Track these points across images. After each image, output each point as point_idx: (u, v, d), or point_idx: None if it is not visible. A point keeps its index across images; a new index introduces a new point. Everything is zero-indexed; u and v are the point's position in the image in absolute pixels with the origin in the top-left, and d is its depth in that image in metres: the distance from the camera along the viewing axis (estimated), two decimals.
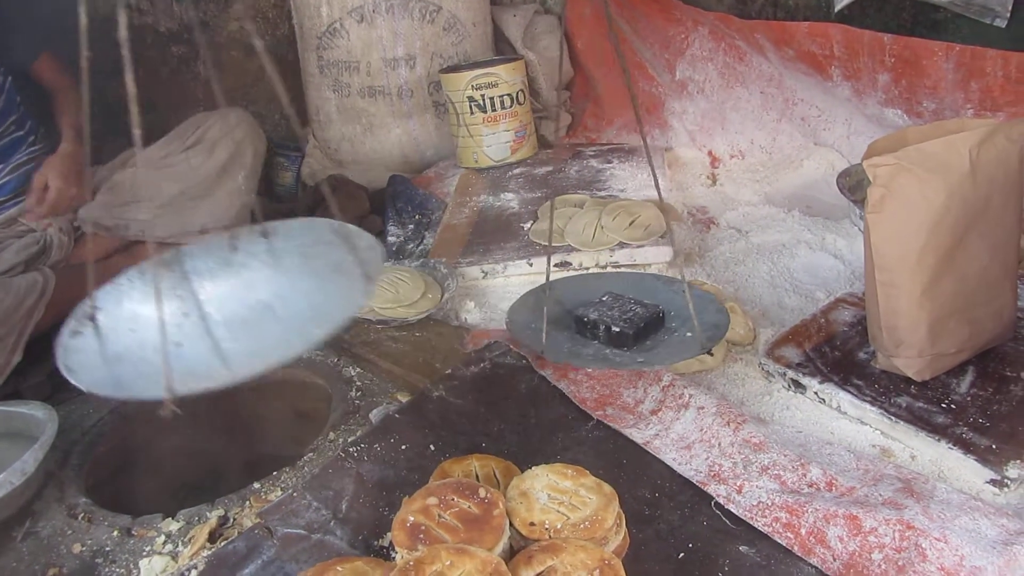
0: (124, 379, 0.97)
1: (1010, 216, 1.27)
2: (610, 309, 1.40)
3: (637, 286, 1.52)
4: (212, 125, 2.06)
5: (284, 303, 1.11)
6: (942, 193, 1.18)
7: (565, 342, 1.40)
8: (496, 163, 2.43)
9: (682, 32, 2.44)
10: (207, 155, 2.04)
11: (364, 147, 2.63)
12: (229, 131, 2.08)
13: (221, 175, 2.06)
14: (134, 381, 0.98)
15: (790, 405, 1.34)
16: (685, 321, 1.37)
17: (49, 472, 1.40)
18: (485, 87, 2.37)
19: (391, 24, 2.51)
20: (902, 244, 1.22)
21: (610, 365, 1.33)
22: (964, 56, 1.80)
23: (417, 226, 2.18)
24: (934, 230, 1.20)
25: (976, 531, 1.02)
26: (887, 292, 1.25)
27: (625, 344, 1.35)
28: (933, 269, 1.21)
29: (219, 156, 2.05)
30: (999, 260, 1.28)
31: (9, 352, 1.62)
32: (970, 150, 1.19)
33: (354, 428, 1.41)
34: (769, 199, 2.19)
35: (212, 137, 2.05)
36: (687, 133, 2.50)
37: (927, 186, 1.18)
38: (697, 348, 1.31)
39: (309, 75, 2.64)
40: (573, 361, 1.36)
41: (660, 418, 1.30)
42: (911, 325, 1.25)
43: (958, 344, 1.28)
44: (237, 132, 2.09)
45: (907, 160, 1.19)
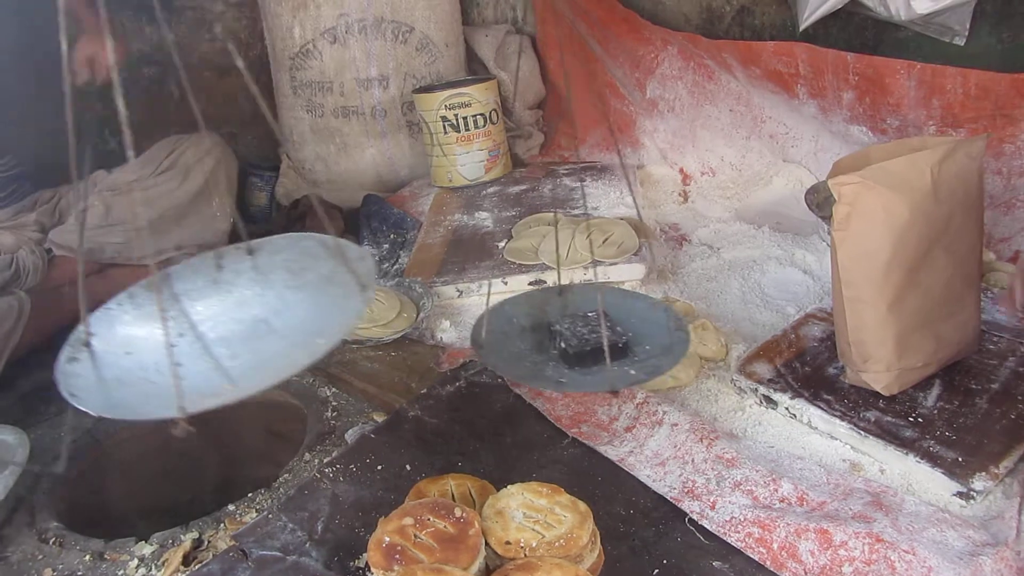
0: (130, 402, 0.97)
1: (971, 231, 1.31)
2: (583, 325, 1.30)
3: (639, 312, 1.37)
4: (186, 150, 2.06)
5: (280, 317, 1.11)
6: (906, 210, 1.21)
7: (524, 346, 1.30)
8: (470, 182, 2.44)
9: (652, 52, 2.47)
10: (181, 180, 2.04)
11: (338, 167, 2.64)
12: (203, 156, 2.08)
13: (196, 200, 2.07)
14: (142, 403, 0.98)
15: (762, 421, 1.36)
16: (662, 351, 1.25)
17: (19, 497, 1.39)
18: (458, 107, 2.39)
19: (364, 45, 2.53)
20: (868, 261, 1.24)
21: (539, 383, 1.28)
22: (925, 74, 1.84)
23: (392, 245, 2.18)
24: (899, 246, 1.22)
25: (943, 543, 1.04)
26: (854, 308, 1.28)
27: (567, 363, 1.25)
28: (898, 285, 1.24)
29: (193, 181, 2.06)
30: (962, 274, 1.31)
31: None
32: (931, 167, 1.22)
33: (330, 448, 1.41)
34: (739, 215, 2.22)
35: (186, 162, 2.05)
36: (658, 151, 2.53)
37: (891, 203, 1.21)
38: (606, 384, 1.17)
39: (282, 96, 2.64)
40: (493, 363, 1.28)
41: (634, 435, 1.31)
42: (878, 340, 1.27)
43: (924, 358, 1.31)
44: (211, 157, 2.10)
45: (871, 178, 1.21)
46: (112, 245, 1.97)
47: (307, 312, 1.11)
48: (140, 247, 1.99)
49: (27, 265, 1.85)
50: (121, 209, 1.99)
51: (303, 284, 1.14)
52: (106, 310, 1.12)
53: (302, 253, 1.18)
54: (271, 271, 1.17)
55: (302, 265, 1.17)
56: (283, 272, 1.16)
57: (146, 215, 2.01)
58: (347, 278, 1.09)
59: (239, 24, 2.69)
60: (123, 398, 0.98)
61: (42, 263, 1.89)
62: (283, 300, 1.13)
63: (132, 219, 2.00)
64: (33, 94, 1.76)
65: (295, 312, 1.12)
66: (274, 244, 1.20)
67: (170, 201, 2.02)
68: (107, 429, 1.62)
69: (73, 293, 1.96)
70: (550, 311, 1.34)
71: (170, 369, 0.95)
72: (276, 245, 1.20)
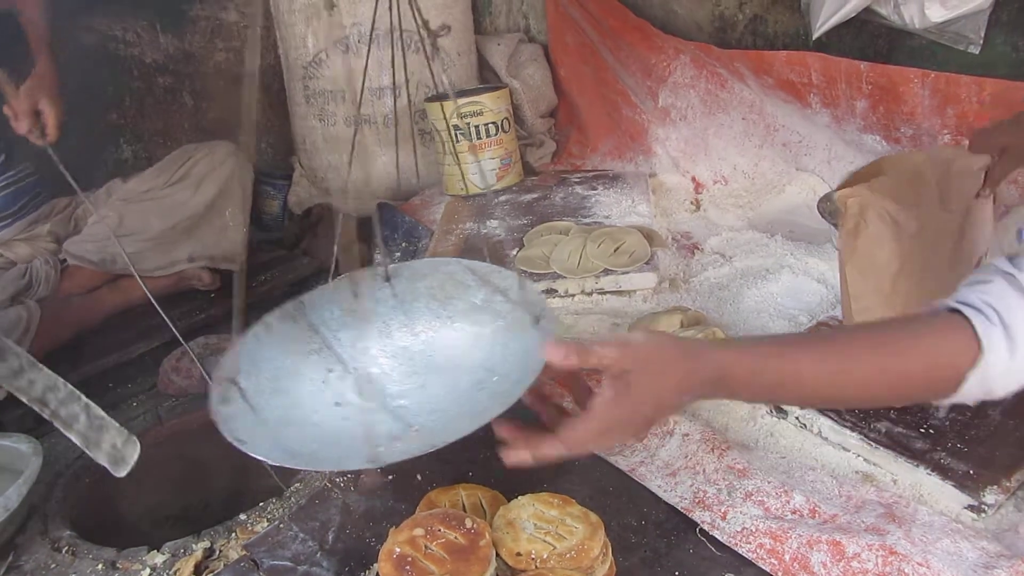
0: (306, 448, 0.92)
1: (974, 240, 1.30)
2: None
3: None
4: (200, 160, 2.06)
5: (439, 351, 1.05)
6: (914, 221, 1.20)
7: None
8: (482, 190, 2.45)
9: (664, 60, 2.47)
10: (194, 190, 2.04)
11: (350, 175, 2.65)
12: (216, 166, 2.08)
13: (209, 211, 2.06)
14: (320, 449, 0.93)
15: (774, 431, 1.35)
16: None
17: (33, 506, 1.40)
18: (470, 115, 2.40)
19: (376, 54, 2.52)
20: (876, 273, 1.23)
21: None
22: (939, 83, 1.83)
23: (404, 254, 2.19)
24: (907, 258, 1.21)
25: (957, 554, 1.03)
26: (864, 320, 1.27)
27: None
28: (906, 295, 1.23)
29: (207, 192, 2.05)
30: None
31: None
32: (939, 178, 1.21)
33: None
34: (752, 224, 2.22)
35: (199, 172, 2.05)
36: (670, 159, 2.53)
37: (899, 215, 1.20)
38: None
39: (295, 104, 2.66)
40: None
41: (645, 445, 1.31)
42: None
43: None
44: (225, 167, 2.09)
45: (878, 190, 1.21)
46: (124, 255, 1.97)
47: (469, 346, 1.04)
48: (152, 258, 2.00)
49: (40, 275, 1.86)
50: (134, 219, 2.00)
51: (453, 314, 1.08)
52: (244, 346, 1.06)
53: (445, 280, 1.12)
54: (414, 299, 1.10)
55: (448, 293, 1.11)
56: (428, 300, 1.10)
57: (159, 225, 2.01)
58: (507, 308, 1.02)
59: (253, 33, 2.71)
60: (294, 443, 0.93)
61: (55, 273, 1.90)
62: (436, 332, 1.07)
63: (145, 229, 2.01)
64: None
65: (455, 346, 1.05)
66: (413, 269, 1.14)
67: (183, 212, 2.03)
68: None
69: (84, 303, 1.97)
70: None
71: (363, 416, 0.91)
72: (416, 270, 1.14)
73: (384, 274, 1.13)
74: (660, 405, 0.88)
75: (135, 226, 2.00)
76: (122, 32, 2.41)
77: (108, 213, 1.99)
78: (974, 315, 0.84)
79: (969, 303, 0.86)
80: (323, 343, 1.07)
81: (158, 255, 2.02)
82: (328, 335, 1.08)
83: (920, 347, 0.88)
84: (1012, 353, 0.82)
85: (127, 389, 1.76)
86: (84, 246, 1.90)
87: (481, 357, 1.03)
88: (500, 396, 0.91)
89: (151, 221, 2.01)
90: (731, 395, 0.95)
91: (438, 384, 1.03)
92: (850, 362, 0.89)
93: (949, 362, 0.85)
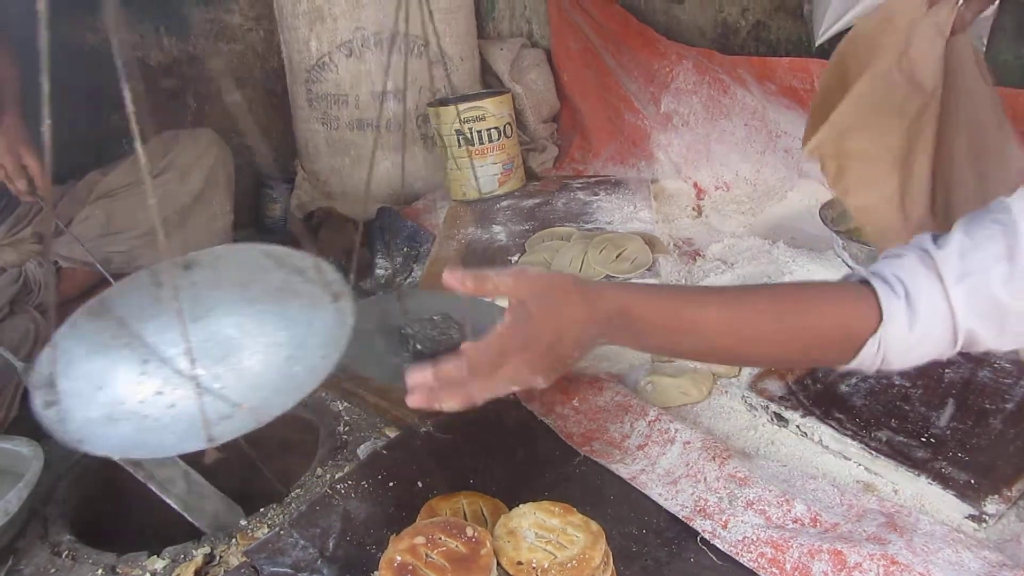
0: (143, 439, 0.94)
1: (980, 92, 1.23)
2: (432, 328, 1.33)
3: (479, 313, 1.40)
4: (183, 150, 2.03)
5: (248, 333, 1.08)
6: (895, 138, 1.14)
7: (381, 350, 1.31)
8: (484, 195, 2.45)
9: (667, 66, 2.47)
10: (180, 182, 2.01)
11: (353, 179, 2.65)
12: (200, 155, 2.05)
13: (197, 201, 2.03)
14: (157, 438, 0.95)
15: (775, 439, 1.35)
16: None
17: (33, 509, 1.40)
18: (473, 120, 2.40)
19: (379, 58, 2.54)
20: (881, 195, 1.19)
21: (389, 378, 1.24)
22: None
23: (406, 259, 2.19)
24: (907, 168, 1.16)
25: (960, 564, 1.03)
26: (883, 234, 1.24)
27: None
28: (923, 198, 1.18)
29: (193, 183, 2.03)
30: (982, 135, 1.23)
31: (6, 408, 1.60)
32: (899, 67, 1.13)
33: (342, 464, 1.42)
34: (754, 230, 2.21)
35: (184, 163, 2.02)
36: (672, 165, 2.53)
37: (880, 138, 1.15)
38: None
39: (298, 108, 2.66)
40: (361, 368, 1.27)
41: (646, 453, 1.31)
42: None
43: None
44: (208, 156, 2.07)
45: (848, 120, 1.14)
46: (118, 254, 1.94)
47: (276, 325, 1.07)
48: (146, 255, 1.97)
49: (37, 278, 1.83)
50: (122, 216, 1.96)
51: (255, 297, 1.11)
52: (53, 348, 1.08)
53: (242, 265, 1.15)
54: (216, 285, 1.13)
55: (248, 277, 1.14)
56: (230, 285, 1.12)
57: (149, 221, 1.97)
58: (306, 288, 1.06)
59: (257, 36, 2.71)
60: (132, 436, 0.95)
61: (52, 278, 1.87)
62: (241, 315, 1.09)
63: (135, 225, 1.97)
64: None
65: (262, 325, 1.08)
66: (212, 255, 1.17)
67: (172, 204, 1.99)
68: None
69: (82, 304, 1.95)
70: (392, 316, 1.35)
71: (198, 399, 0.92)
72: (214, 256, 1.17)
73: (183, 262, 1.15)
74: (561, 335, 0.89)
75: (124, 223, 1.96)
76: (126, 34, 2.41)
77: (95, 212, 1.95)
78: (880, 285, 0.87)
79: (879, 274, 0.88)
80: (132, 336, 1.09)
81: (151, 252, 1.97)
82: (136, 327, 1.10)
83: (821, 308, 0.90)
84: (911, 326, 0.85)
85: None
86: (76, 247, 1.84)
87: (288, 335, 1.06)
88: (314, 370, 0.98)
89: (139, 216, 1.96)
90: (635, 337, 0.94)
91: (253, 363, 1.05)
92: (751, 313, 0.90)
93: (847, 325, 0.87)
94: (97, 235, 1.93)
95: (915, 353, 0.88)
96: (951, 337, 0.87)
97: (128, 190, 1.99)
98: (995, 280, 0.83)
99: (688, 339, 0.92)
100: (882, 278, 0.88)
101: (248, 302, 1.12)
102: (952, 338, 0.87)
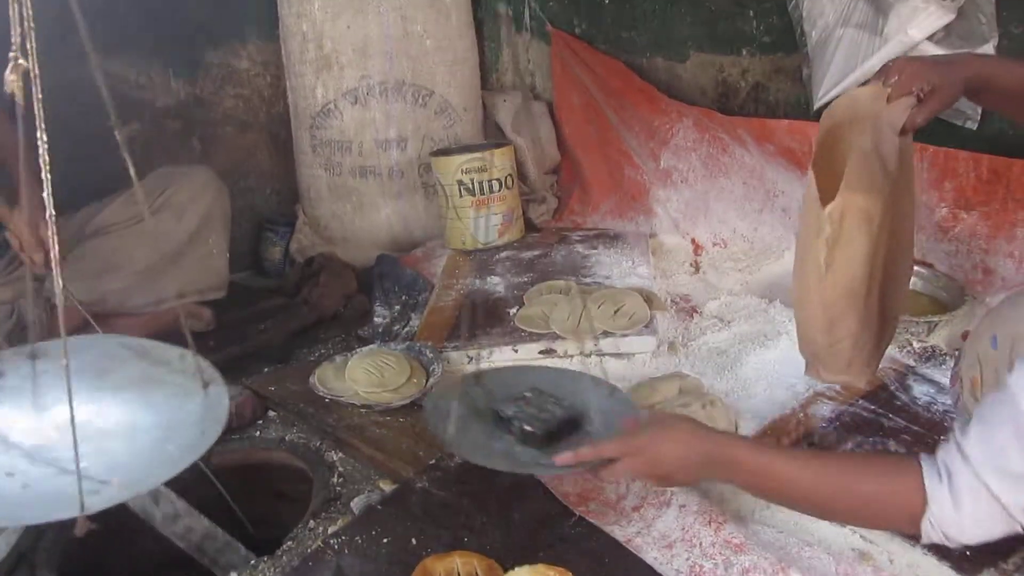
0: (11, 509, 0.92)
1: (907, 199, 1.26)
2: (528, 406, 1.32)
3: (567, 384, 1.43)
4: (179, 188, 2.02)
5: (109, 419, 1.05)
6: (878, 208, 1.16)
7: (480, 435, 1.31)
8: (483, 245, 2.46)
9: (667, 123, 2.51)
10: (176, 220, 2.00)
11: (353, 225, 2.67)
12: (197, 195, 2.05)
13: (193, 240, 2.03)
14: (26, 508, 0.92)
15: (770, 504, 1.35)
16: (607, 428, 1.29)
17: (21, 553, 1.38)
18: (475, 171, 2.43)
19: (384, 107, 2.58)
20: (851, 276, 1.21)
21: (515, 467, 1.25)
22: (938, 157, 1.87)
23: (404, 307, 2.20)
24: (875, 251, 1.19)
25: None
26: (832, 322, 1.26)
27: (535, 444, 1.27)
28: (871, 285, 1.22)
29: (189, 221, 2.02)
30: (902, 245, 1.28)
31: None
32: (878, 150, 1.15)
33: (335, 516, 1.41)
34: (751, 289, 2.23)
35: (180, 201, 2.02)
36: (671, 220, 2.56)
37: (869, 207, 1.15)
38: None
39: (302, 153, 2.69)
40: (473, 458, 1.25)
41: (642, 515, 1.30)
42: (857, 343, 1.27)
43: (887, 335, 1.33)
44: (206, 196, 2.06)
45: (853, 187, 1.15)
46: (113, 292, 1.93)
47: (139, 411, 1.05)
48: (140, 293, 1.96)
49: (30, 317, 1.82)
50: (117, 253, 1.95)
51: (115, 386, 1.09)
52: None
53: (100, 356, 1.14)
54: (72, 373, 1.03)
55: (104, 367, 1.12)
56: (81, 374, 1.07)
57: (144, 258, 1.95)
58: (173, 378, 1.07)
59: (264, 81, 2.75)
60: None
61: (46, 316, 1.87)
62: (99, 404, 1.06)
63: (130, 263, 1.95)
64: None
65: (123, 413, 1.05)
66: (61, 346, 1.06)
67: (168, 242, 1.98)
68: None
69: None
70: (475, 397, 1.37)
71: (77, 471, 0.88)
72: (73, 346, 1.09)
73: (29, 352, 1.11)
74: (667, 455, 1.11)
75: (120, 260, 1.95)
76: (136, 76, 2.44)
77: (90, 248, 1.94)
78: (927, 468, 0.94)
79: (929, 457, 0.96)
80: None
81: (146, 290, 1.97)
82: None
83: (877, 477, 0.99)
84: (957, 508, 0.91)
85: None
86: (71, 285, 1.81)
87: (155, 420, 1.05)
88: (193, 447, 0.97)
89: (135, 253, 1.95)
90: (728, 475, 1.11)
91: (116, 446, 1.02)
92: (821, 477, 1.03)
93: (897, 500, 0.96)
94: (92, 273, 1.92)
95: (979, 531, 0.93)
96: (1005, 515, 0.90)
97: (123, 227, 1.98)
98: (1015, 460, 0.87)
99: (766, 483, 1.08)
100: (931, 461, 0.95)
101: (108, 391, 1.09)
102: (1006, 515, 0.90)
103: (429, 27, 2.59)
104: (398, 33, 2.55)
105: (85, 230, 1.99)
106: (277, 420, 1.79)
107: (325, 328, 2.23)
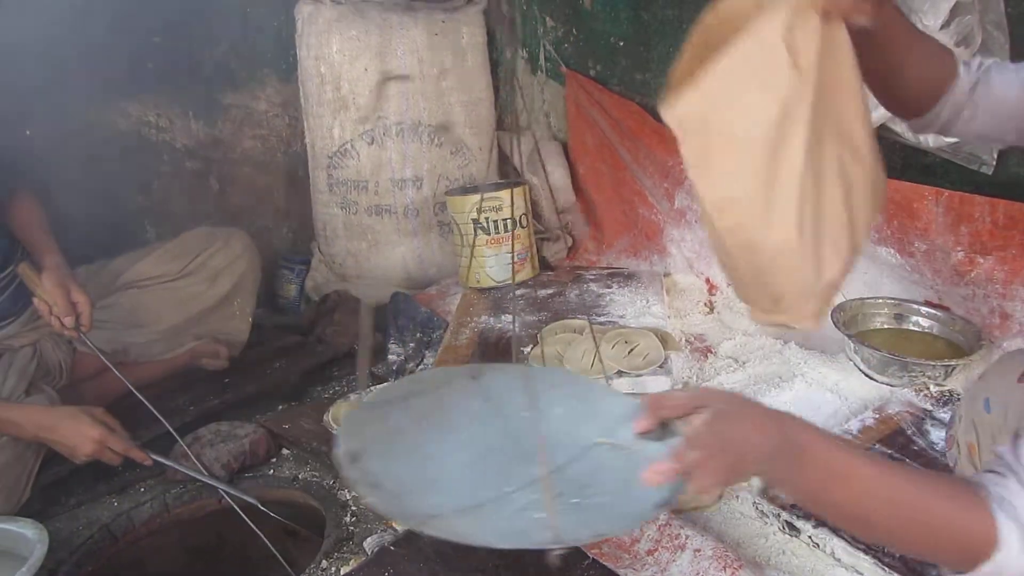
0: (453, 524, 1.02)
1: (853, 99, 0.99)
2: None
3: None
4: (216, 252, 2.07)
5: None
6: (774, 106, 0.91)
7: None
8: (498, 283, 2.47)
9: (681, 163, 2.50)
10: (209, 283, 2.05)
11: (368, 263, 2.68)
12: (233, 260, 2.09)
13: (221, 303, 2.07)
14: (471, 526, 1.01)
15: (786, 549, 1.34)
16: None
17: None
18: (489, 210, 2.44)
19: (400, 147, 2.61)
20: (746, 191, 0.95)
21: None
22: (953, 201, 1.86)
23: (418, 345, 2.20)
24: (774, 164, 0.92)
25: None
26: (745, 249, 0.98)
27: None
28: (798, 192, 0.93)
29: (222, 285, 2.07)
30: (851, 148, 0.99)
31: (21, 490, 1.60)
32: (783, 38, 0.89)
33: (347, 556, 1.40)
34: (765, 329, 2.22)
35: (216, 265, 2.06)
36: (685, 260, 2.56)
37: (752, 108, 0.92)
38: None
39: (318, 191, 2.71)
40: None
41: (656, 559, 1.29)
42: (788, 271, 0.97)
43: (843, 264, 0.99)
44: (241, 261, 2.11)
45: (719, 88, 0.93)
46: (135, 345, 1.96)
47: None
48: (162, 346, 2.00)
49: (52, 360, 1.84)
50: (146, 310, 1.98)
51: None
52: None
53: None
54: None
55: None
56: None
57: (171, 318, 2.00)
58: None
59: (282, 122, 2.78)
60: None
61: (70, 360, 1.88)
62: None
63: (157, 321, 1.99)
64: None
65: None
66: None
67: (197, 304, 2.03)
68: (124, 525, 1.62)
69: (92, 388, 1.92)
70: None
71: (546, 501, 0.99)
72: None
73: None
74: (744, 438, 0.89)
75: (147, 318, 1.98)
76: (155, 118, 2.48)
77: (120, 300, 1.97)
78: (997, 509, 0.84)
79: (993, 494, 0.86)
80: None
81: (168, 343, 2.02)
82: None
83: (948, 501, 0.87)
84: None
85: (135, 474, 1.75)
86: (97, 333, 1.78)
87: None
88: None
89: (163, 313, 2.00)
90: (798, 470, 0.89)
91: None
92: (895, 479, 0.89)
93: (970, 537, 0.85)
94: (119, 325, 1.94)
95: None
96: None
97: (156, 282, 2.02)
98: None
99: (839, 488, 0.90)
100: (998, 500, 0.85)
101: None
102: None
103: (445, 69, 2.63)
104: (415, 74, 2.58)
105: (118, 280, 2.02)
106: (291, 458, 1.79)
107: (339, 366, 2.24)
